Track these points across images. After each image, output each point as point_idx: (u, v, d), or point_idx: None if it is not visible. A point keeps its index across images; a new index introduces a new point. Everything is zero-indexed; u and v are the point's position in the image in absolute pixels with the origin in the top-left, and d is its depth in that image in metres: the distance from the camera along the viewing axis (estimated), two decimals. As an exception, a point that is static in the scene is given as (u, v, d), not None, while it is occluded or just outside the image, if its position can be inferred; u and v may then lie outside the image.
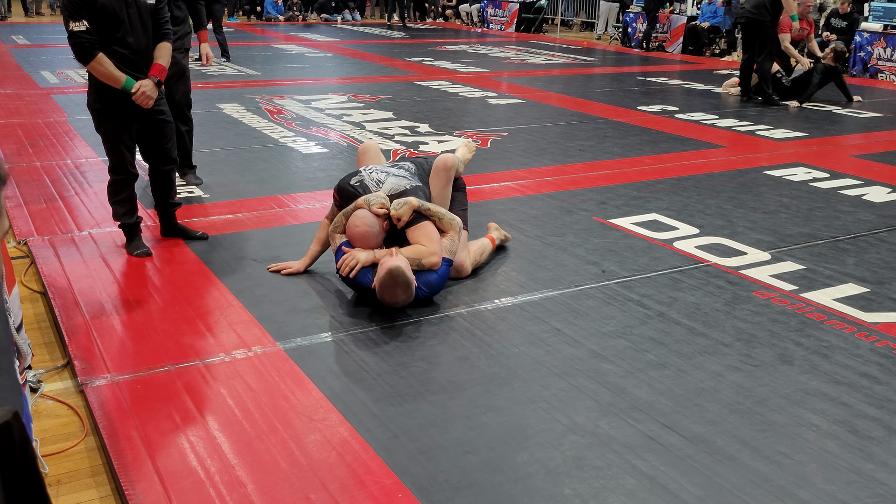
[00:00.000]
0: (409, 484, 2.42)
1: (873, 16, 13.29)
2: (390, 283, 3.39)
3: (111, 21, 3.79)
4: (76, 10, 3.72)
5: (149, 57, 3.97)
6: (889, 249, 4.65)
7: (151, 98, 3.93)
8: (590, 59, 14.52)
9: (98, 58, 3.78)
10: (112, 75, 3.82)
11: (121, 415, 2.76)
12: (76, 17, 3.72)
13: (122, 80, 3.84)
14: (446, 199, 4.01)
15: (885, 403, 2.97)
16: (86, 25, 3.73)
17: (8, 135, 6.85)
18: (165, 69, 4.03)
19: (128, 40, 3.86)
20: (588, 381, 3.05)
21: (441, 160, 4.01)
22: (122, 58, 3.86)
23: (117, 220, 4.23)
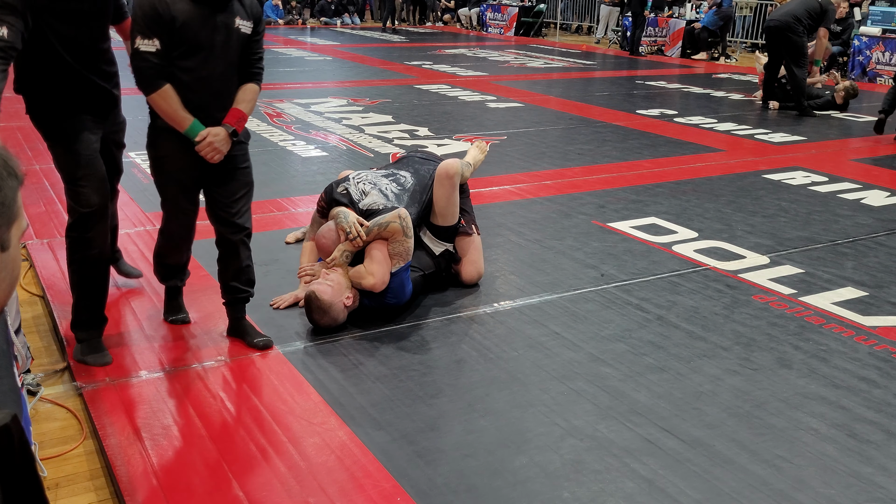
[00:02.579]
0: (407, 487, 2.42)
1: (872, 20, 13.32)
2: (306, 307, 3.40)
3: (189, 46, 2.93)
4: (148, 25, 2.88)
5: (227, 98, 3.07)
6: (887, 253, 4.65)
7: (221, 152, 3.03)
8: (589, 62, 14.54)
9: (163, 90, 2.92)
10: (176, 115, 2.95)
11: (119, 418, 2.76)
12: (147, 33, 2.88)
13: (187, 124, 2.97)
14: (455, 206, 3.87)
15: (884, 407, 2.97)
16: (157, 46, 2.88)
17: (8, 138, 6.85)
18: (246, 118, 3.12)
19: (203, 74, 2.98)
20: (587, 385, 3.05)
21: (443, 168, 3.83)
22: (191, 94, 2.97)
23: (165, 283, 3.48)
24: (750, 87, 11.17)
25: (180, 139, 3.00)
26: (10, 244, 1.11)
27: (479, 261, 3.97)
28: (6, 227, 1.10)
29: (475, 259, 3.95)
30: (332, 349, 3.30)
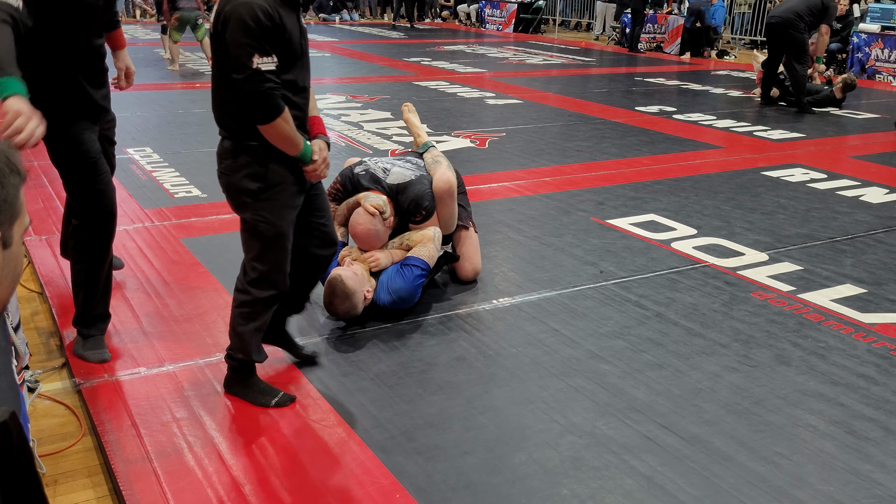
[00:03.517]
0: (406, 484, 2.42)
1: (871, 17, 13.31)
2: (329, 291, 3.33)
3: (292, 56, 2.59)
4: (266, 39, 2.46)
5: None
6: (886, 250, 4.65)
7: (328, 167, 2.79)
8: (588, 59, 14.53)
9: (286, 112, 2.55)
10: (294, 137, 2.59)
11: (118, 415, 2.75)
12: (265, 49, 2.46)
13: (302, 144, 2.63)
14: (455, 216, 3.85)
15: (882, 404, 2.97)
16: (275, 62, 2.49)
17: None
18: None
19: (301, 85, 2.68)
20: (586, 382, 3.05)
21: (442, 186, 3.71)
22: (295, 110, 2.65)
23: (252, 358, 2.84)
24: (749, 85, 11.17)
25: (289, 163, 2.63)
26: (13, 241, 1.11)
27: (475, 257, 3.97)
28: (8, 224, 1.10)
29: (471, 255, 3.95)
30: (331, 346, 3.30)
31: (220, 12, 2.51)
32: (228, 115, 2.60)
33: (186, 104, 8.54)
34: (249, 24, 2.42)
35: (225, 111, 2.61)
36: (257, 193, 2.63)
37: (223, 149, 2.65)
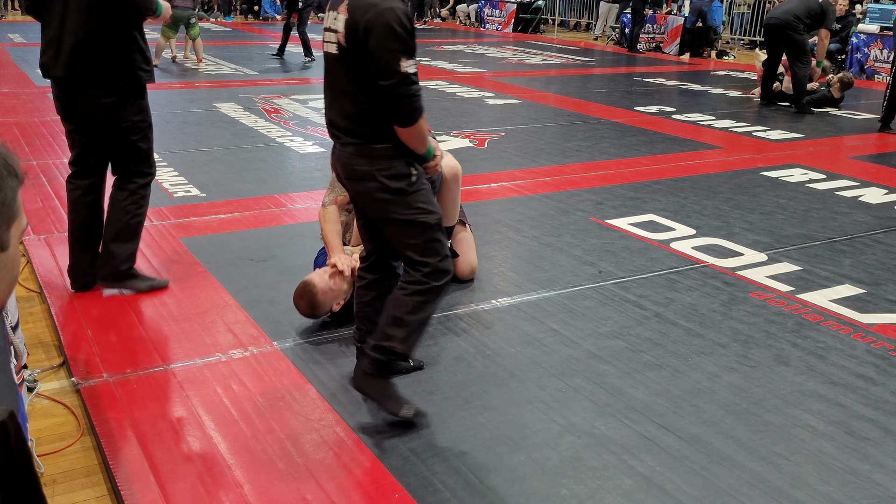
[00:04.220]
0: (405, 484, 2.42)
1: (870, 17, 13.32)
2: (297, 291, 3.37)
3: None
4: (410, 42, 2.49)
5: None
6: (885, 251, 4.65)
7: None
8: (587, 59, 14.53)
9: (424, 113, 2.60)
10: (426, 137, 2.64)
11: (116, 414, 2.75)
12: (410, 52, 2.49)
13: (428, 142, 2.68)
14: (458, 207, 3.87)
15: (881, 404, 2.97)
16: (416, 65, 2.53)
17: (4, 133, 6.83)
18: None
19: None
20: (585, 382, 3.05)
21: (452, 170, 3.70)
22: None
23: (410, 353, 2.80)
24: (748, 85, 11.17)
25: (418, 159, 2.67)
26: (10, 244, 1.11)
27: (470, 254, 3.96)
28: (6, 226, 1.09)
29: (466, 252, 3.94)
30: (329, 346, 3.30)
31: (359, 22, 2.44)
32: (365, 123, 2.56)
33: (185, 104, 8.54)
34: (397, 30, 2.43)
35: (360, 119, 2.56)
36: (406, 189, 2.61)
37: (356, 155, 2.58)
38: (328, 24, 2.59)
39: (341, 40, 2.51)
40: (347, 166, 2.63)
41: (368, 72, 2.49)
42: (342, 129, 2.62)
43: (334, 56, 2.57)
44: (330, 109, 2.69)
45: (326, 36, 2.60)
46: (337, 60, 2.57)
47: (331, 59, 2.61)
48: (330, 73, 2.65)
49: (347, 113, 2.59)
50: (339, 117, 2.63)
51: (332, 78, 2.65)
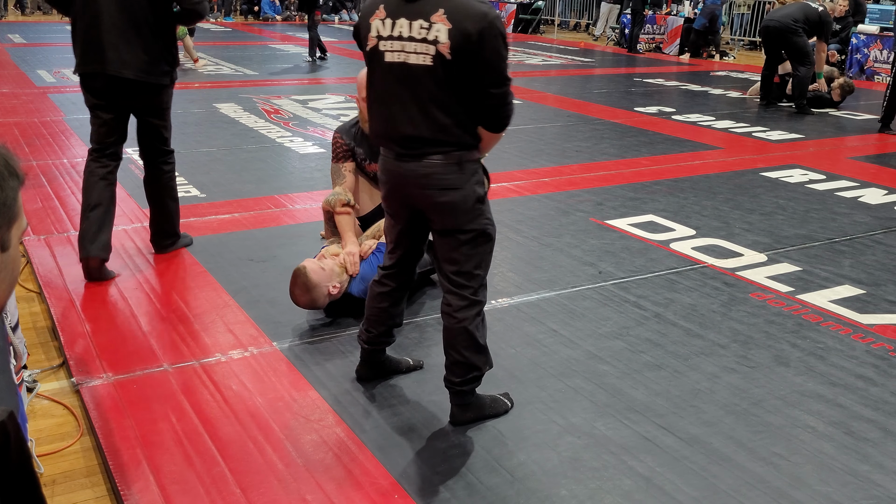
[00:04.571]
0: (405, 485, 2.42)
1: (870, 18, 13.33)
2: (292, 281, 3.37)
3: None
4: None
5: None
6: (885, 251, 4.65)
7: None
8: (587, 60, 14.53)
9: None
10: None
11: (116, 415, 2.75)
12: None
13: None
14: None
15: (881, 405, 2.97)
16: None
17: (4, 134, 6.84)
18: None
19: None
20: (584, 383, 3.05)
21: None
22: None
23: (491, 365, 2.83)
24: (748, 85, 11.17)
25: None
26: (11, 244, 1.11)
27: None
28: (6, 227, 1.09)
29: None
30: (329, 346, 3.30)
31: (471, 32, 2.37)
32: (462, 132, 2.52)
33: (185, 104, 8.53)
34: (505, 36, 2.47)
35: (456, 129, 2.51)
36: (483, 198, 2.67)
37: (445, 165, 2.52)
38: (398, 32, 2.45)
39: (444, 51, 2.39)
40: (430, 178, 2.52)
41: (475, 81, 2.45)
42: (427, 142, 2.50)
43: (421, 67, 2.43)
44: (403, 123, 2.50)
45: (395, 45, 2.46)
46: (427, 71, 2.43)
47: (410, 70, 2.45)
48: (403, 85, 2.48)
49: (440, 124, 2.48)
50: (424, 129, 2.48)
51: (407, 90, 2.48)
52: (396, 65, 2.47)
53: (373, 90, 2.61)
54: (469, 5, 2.40)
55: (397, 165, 2.58)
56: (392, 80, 2.50)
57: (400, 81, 2.49)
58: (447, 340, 2.70)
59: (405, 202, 2.65)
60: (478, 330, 2.69)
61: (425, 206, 2.60)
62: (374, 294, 2.90)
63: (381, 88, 2.56)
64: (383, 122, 2.57)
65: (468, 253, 2.63)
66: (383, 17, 2.49)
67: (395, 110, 2.52)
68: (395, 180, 2.62)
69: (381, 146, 2.65)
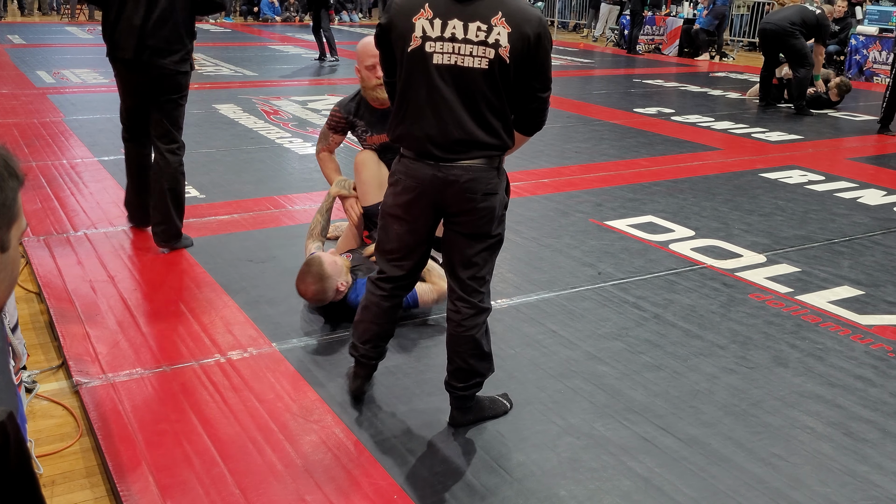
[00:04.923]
0: (404, 485, 2.42)
1: (868, 19, 13.34)
2: (304, 270, 3.37)
3: None
4: None
5: None
6: (884, 252, 4.66)
7: None
8: (586, 60, 14.54)
9: None
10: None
11: (116, 416, 2.75)
12: None
13: None
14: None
15: (880, 406, 2.97)
16: None
17: (4, 134, 6.83)
18: None
19: None
20: (583, 383, 3.05)
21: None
22: None
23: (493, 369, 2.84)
24: (747, 86, 11.18)
25: None
26: (10, 245, 1.11)
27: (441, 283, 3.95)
28: (6, 227, 1.10)
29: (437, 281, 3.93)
30: (329, 347, 3.30)
31: (529, 35, 2.37)
32: (508, 135, 2.53)
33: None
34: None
35: (504, 132, 2.50)
36: (507, 204, 2.66)
37: (486, 170, 2.50)
38: (450, 34, 2.38)
39: (504, 54, 2.37)
40: (476, 182, 2.48)
41: (526, 84, 2.46)
42: (477, 145, 2.46)
43: (476, 70, 2.39)
44: (454, 127, 2.44)
45: (446, 47, 2.39)
46: (482, 74, 2.39)
47: (463, 72, 2.39)
48: (454, 88, 2.42)
49: (491, 128, 2.46)
50: (476, 133, 2.45)
51: (458, 92, 2.42)
52: (446, 67, 2.40)
53: (412, 93, 2.47)
54: (526, 9, 2.41)
55: (436, 170, 2.47)
56: (441, 84, 2.42)
57: (450, 84, 2.42)
58: (452, 347, 2.68)
59: (434, 208, 2.55)
60: (483, 338, 2.69)
61: (461, 209, 2.51)
62: (382, 308, 2.75)
63: (426, 91, 2.44)
64: (427, 125, 2.46)
65: (487, 258, 2.62)
66: (431, 17, 2.40)
67: (444, 114, 2.43)
68: (429, 186, 2.49)
69: (414, 149, 2.51)
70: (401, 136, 2.55)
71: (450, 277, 2.68)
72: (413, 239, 2.64)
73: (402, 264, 2.69)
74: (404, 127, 2.52)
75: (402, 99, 2.51)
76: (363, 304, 2.80)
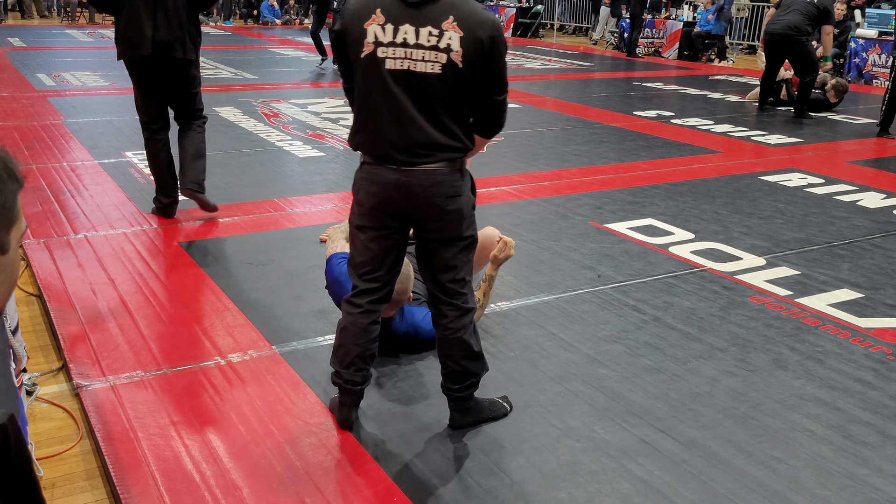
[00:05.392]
0: (404, 488, 2.43)
1: (868, 22, 13.35)
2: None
3: None
4: None
5: None
6: (883, 255, 4.66)
7: None
8: (586, 64, 14.56)
9: None
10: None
11: (116, 418, 2.75)
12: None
13: None
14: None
15: (879, 409, 2.98)
16: None
17: (4, 137, 6.84)
18: None
19: None
20: (583, 386, 3.05)
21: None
22: None
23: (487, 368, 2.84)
24: (747, 89, 11.19)
25: None
26: (10, 247, 1.12)
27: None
28: (5, 229, 1.10)
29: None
30: (328, 350, 3.30)
31: (482, 39, 2.35)
32: (468, 138, 2.51)
33: (185, 108, 8.55)
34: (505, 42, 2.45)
35: (463, 135, 2.49)
36: (475, 204, 2.64)
37: (450, 173, 2.47)
38: (402, 39, 2.36)
39: (456, 59, 2.35)
40: (441, 186, 2.46)
41: (481, 87, 2.44)
42: (438, 147, 2.44)
43: (429, 75, 2.36)
44: (413, 130, 2.42)
45: (398, 52, 2.37)
46: (436, 79, 2.37)
47: (417, 77, 2.37)
48: (409, 93, 2.40)
49: (450, 130, 2.44)
50: (436, 135, 2.43)
51: (413, 97, 2.40)
52: (399, 72, 2.39)
53: (369, 98, 2.46)
54: (479, 12, 2.38)
55: (399, 174, 2.46)
56: (395, 89, 2.41)
57: (404, 89, 2.40)
58: (442, 351, 2.67)
59: (398, 213, 2.52)
60: (472, 338, 2.67)
61: (429, 215, 2.49)
62: (361, 327, 2.64)
63: (382, 97, 2.43)
64: (387, 130, 2.44)
65: (464, 259, 2.60)
66: (382, 23, 2.38)
67: (402, 118, 2.42)
68: (392, 190, 2.47)
69: (376, 155, 2.49)
70: (361, 142, 2.52)
71: (429, 283, 2.64)
72: (379, 247, 2.57)
73: (373, 276, 2.61)
74: (364, 133, 2.50)
75: (360, 105, 2.49)
76: (340, 327, 2.69)
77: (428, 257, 2.60)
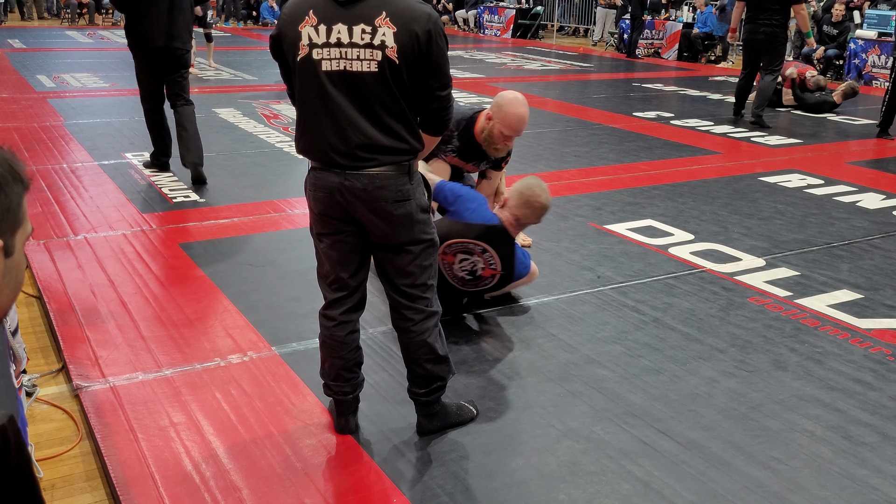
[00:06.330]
0: (403, 489, 2.43)
1: (867, 23, 13.36)
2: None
3: None
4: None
5: None
6: (883, 256, 4.66)
7: None
8: (586, 65, 14.56)
9: None
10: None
11: (115, 419, 2.76)
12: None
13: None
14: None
15: (879, 409, 2.98)
16: None
17: (4, 139, 6.84)
18: None
19: None
20: (583, 387, 3.06)
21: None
22: None
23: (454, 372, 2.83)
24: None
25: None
26: (15, 249, 1.12)
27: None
28: (11, 232, 1.10)
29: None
30: (328, 351, 3.30)
31: (416, 34, 2.27)
32: (413, 138, 2.42)
33: (185, 109, 8.55)
34: (445, 37, 2.37)
35: (408, 136, 2.40)
36: (429, 207, 2.55)
37: (398, 176, 2.39)
38: (335, 39, 2.29)
39: (391, 55, 2.27)
40: (385, 190, 2.38)
41: (421, 83, 2.35)
42: (381, 150, 2.36)
43: (366, 74, 2.29)
44: (354, 133, 2.34)
45: (333, 53, 2.30)
46: (373, 78, 2.29)
47: (353, 77, 2.30)
48: (347, 94, 2.33)
49: (393, 131, 2.36)
50: (378, 137, 2.35)
51: (351, 99, 2.33)
52: (336, 73, 2.31)
53: (308, 102, 2.38)
54: (413, 7, 2.29)
55: (343, 178, 2.37)
56: (333, 91, 2.32)
57: (342, 91, 2.32)
58: (407, 355, 2.64)
59: (348, 218, 2.44)
60: (437, 341, 2.62)
61: (377, 220, 2.42)
62: (339, 340, 2.61)
63: (320, 100, 2.35)
64: (327, 134, 2.36)
65: (422, 265, 2.52)
66: (315, 24, 2.30)
67: (341, 121, 2.34)
68: (339, 196, 2.39)
69: (320, 161, 2.41)
70: (304, 148, 2.45)
71: (388, 289, 2.59)
72: (339, 253, 2.50)
73: (340, 284, 2.56)
74: (306, 139, 2.43)
75: (300, 110, 2.43)
76: (320, 342, 2.67)
77: (384, 264, 2.53)
